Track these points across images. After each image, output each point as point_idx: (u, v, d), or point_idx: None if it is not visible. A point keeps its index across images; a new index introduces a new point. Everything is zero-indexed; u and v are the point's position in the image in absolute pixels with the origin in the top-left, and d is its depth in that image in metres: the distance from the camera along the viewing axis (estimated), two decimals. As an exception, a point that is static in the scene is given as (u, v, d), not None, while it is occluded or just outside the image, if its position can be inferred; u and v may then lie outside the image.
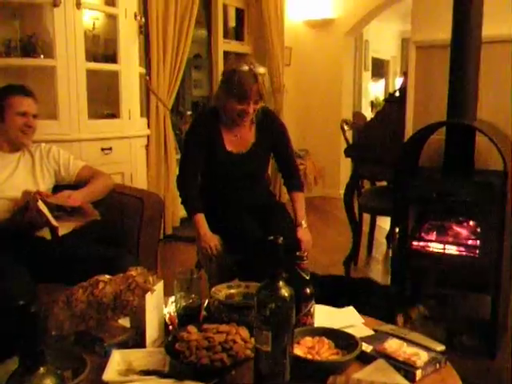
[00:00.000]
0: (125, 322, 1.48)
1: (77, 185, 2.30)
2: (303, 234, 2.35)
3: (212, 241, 2.28)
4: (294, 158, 2.58)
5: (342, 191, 3.92)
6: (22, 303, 0.78)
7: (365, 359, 1.31)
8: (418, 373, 1.25)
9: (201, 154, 2.36)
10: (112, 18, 3.54)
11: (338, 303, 1.65)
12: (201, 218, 2.31)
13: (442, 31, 2.54)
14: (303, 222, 2.40)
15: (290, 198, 2.50)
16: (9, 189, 2.12)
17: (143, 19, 3.78)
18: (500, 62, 2.64)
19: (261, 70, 2.26)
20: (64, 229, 2.03)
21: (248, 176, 2.41)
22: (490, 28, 2.48)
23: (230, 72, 2.26)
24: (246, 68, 2.22)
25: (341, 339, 1.35)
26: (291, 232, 2.31)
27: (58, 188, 2.29)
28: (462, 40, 2.39)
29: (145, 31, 3.93)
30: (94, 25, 3.51)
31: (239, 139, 2.40)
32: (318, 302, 1.49)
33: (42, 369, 0.81)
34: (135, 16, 3.61)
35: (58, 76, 3.14)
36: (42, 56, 3.18)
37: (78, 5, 3.16)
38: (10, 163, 2.22)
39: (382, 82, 10.07)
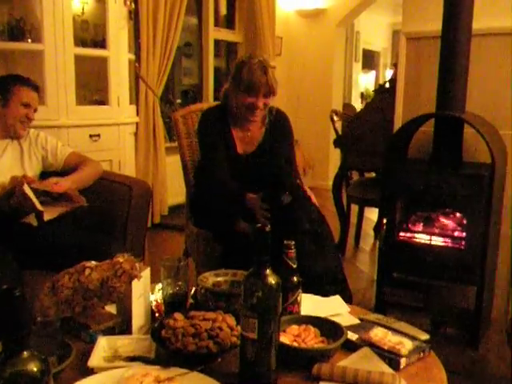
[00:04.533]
0: (111, 308, 1.48)
1: (64, 171, 2.28)
2: None
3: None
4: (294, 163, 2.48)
5: (330, 182, 3.93)
6: (5, 287, 0.78)
7: (350, 347, 1.32)
8: (403, 361, 1.27)
9: (221, 151, 2.26)
10: (101, 3, 3.50)
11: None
12: (250, 196, 2.17)
13: (433, 23, 2.54)
14: None
15: None
16: (-5, 174, 2.10)
17: (133, 5, 3.74)
18: (490, 56, 2.65)
19: (271, 63, 2.23)
20: (49, 214, 2.02)
21: (252, 177, 2.29)
22: (481, 21, 2.49)
23: (239, 64, 2.23)
24: (255, 60, 2.18)
25: (327, 327, 1.36)
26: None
27: (45, 174, 2.28)
28: (452, 32, 2.39)
29: (135, 17, 3.90)
30: (83, 9, 3.48)
31: (249, 137, 2.33)
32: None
33: (25, 353, 0.80)
34: (125, 1, 3.58)
35: (45, 61, 3.11)
36: (29, 40, 3.15)
37: (67, -11, 3.12)
38: (-3, 149, 2.20)
39: (372, 73, 10.07)
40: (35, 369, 0.81)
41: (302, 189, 2.31)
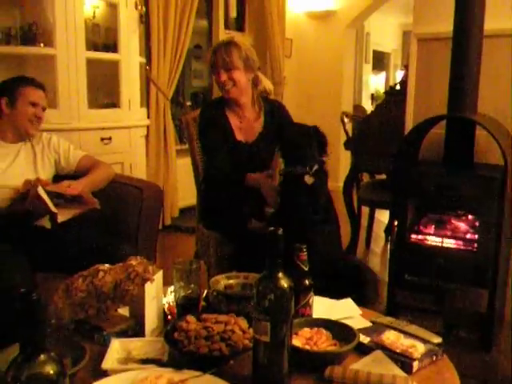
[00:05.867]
0: (124, 311, 1.48)
1: (77, 175, 2.30)
2: None
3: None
4: None
5: (341, 184, 3.92)
6: (22, 290, 0.79)
7: (362, 350, 1.32)
8: (415, 364, 1.26)
9: (220, 139, 2.33)
10: (112, 7, 3.53)
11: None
12: (253, 176, 2.24)
13: (444, 24, 2.53)
14: None
15: None
16: (9, 178, 2.12)
17: (144, 8, 3.76)
18: (501, 57, 2.64)
19: (234, 39, 2.30)
20: (63, 216, 2.03)
21: (254, 167, 2.35)
22: (492, 22, 2.47)
23: None
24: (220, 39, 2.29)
25: (339, 330, 1.36)
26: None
27: (58, 178, 2.30)
28: (463, 33, 2.38)
29: (145, 21, 3.92)
30: (94, 13, 3.50)
31: (246, 124, 2.38)
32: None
33: (42, 356, 0.81)
34: (136, 5, 3.60)
35: (57, 65, 3.14)
36: (41, 44, 3.18)
37: (79, -7, 3.15)
38: (11, 152, 2.22)
39: (382, 74, 10.04)
40: (52, 371, 0.82)
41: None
